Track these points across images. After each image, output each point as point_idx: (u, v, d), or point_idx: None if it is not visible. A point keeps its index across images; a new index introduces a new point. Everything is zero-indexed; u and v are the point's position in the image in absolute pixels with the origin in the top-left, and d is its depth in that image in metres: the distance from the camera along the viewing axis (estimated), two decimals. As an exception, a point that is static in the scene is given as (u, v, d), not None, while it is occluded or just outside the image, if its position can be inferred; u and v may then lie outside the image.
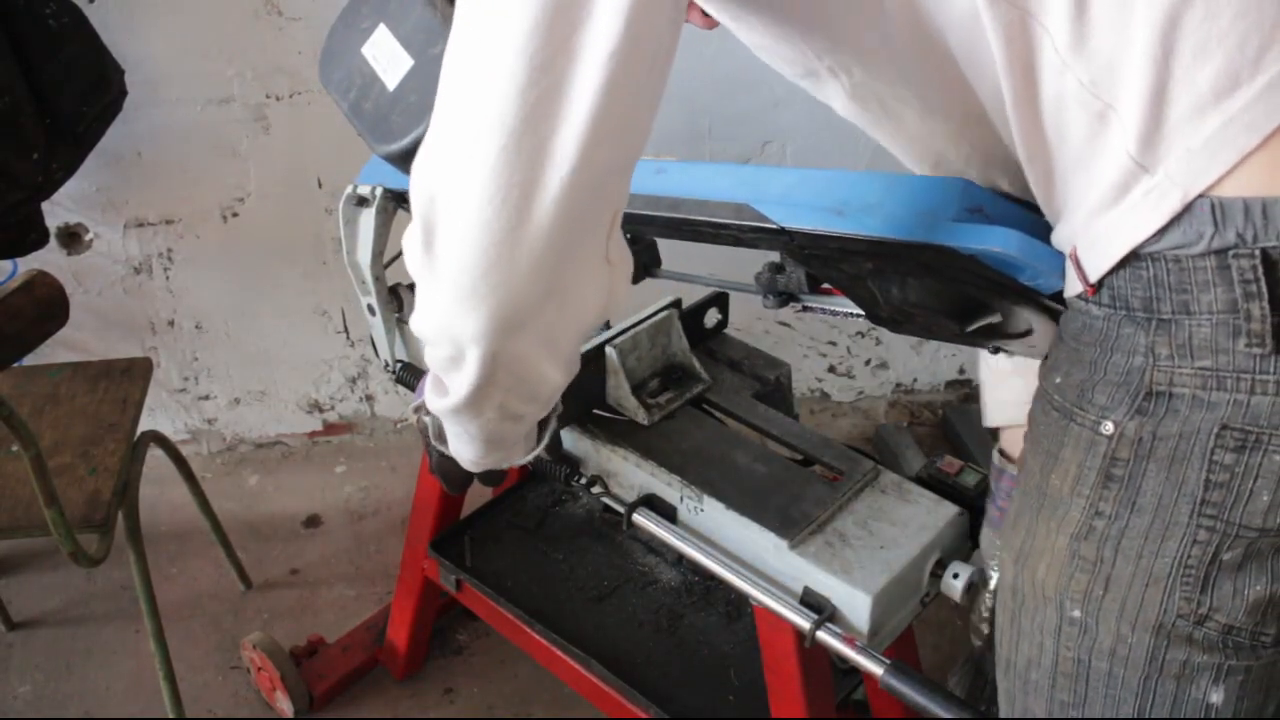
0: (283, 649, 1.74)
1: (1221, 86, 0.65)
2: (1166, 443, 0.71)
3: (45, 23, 1.66)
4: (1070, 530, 0.77)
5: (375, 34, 1.21)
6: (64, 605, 1.99)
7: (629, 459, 1.23)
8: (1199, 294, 0.67)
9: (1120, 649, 0.77)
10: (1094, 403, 0.74)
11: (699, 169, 1.08)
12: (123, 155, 2.02)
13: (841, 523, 1.12)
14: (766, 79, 2.03)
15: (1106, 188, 0.70)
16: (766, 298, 1.16)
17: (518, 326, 0.78)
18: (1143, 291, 0.69)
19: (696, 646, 1.48)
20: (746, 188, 1.01)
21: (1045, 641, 0.81)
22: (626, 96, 0.70)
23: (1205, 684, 0.76)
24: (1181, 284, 0.68)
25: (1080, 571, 0.77)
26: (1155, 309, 0.69)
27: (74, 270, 2.12)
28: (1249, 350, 0.66)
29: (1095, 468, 0.75)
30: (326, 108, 1.99)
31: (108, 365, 1.77)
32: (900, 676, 1.00)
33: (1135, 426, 0.72)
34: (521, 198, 0.72)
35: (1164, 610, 0.74)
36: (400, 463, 2.35)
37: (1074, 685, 0.81)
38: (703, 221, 1.03)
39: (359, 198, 1.37)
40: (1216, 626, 0.74)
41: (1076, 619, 0.78)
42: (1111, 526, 0.75)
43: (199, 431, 2.38)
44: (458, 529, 1.65)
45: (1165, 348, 0.69)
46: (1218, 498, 0.70)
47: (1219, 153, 0.66)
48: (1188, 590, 0.73)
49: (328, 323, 2.29)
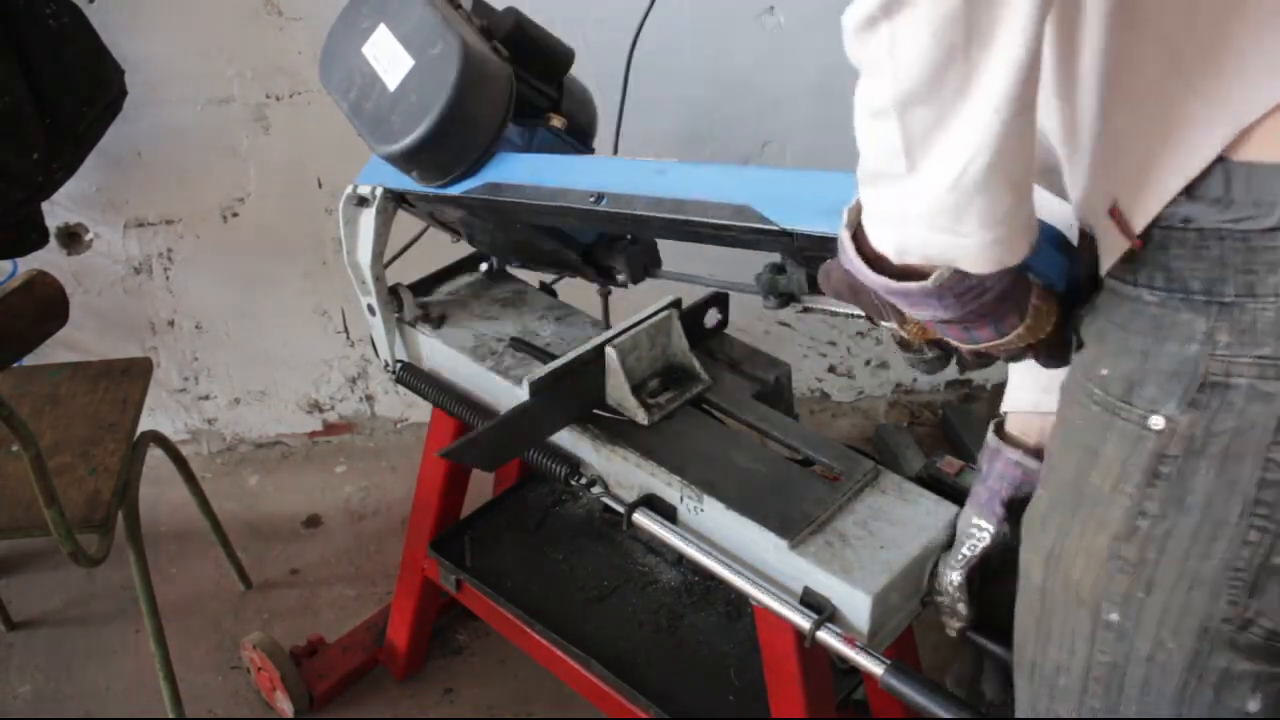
0: (283, 649, 1.74)
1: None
2: (1220, 439, 0.68)
3: (45, 23, 1.66)
4: (1111, 530, 0.74)
5: (376, 34, 1.21)
6: (64, 605, 1.99)
7: (629, 459, 1.23)
8: (1266, 274, 0.64)
9: (1159, 655, 0.74)
10: (1143, 396, 0.71)
11: (701, 170, 1.08)
12: (123, 155, 2.01)
13: (841, 523, 1.12)
14: (766, 79, 2.03)
15: (1152, 122, 0.66)
16: (767, 298, 1.16)
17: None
18: (1205, 272, 0.66)
19: (696, 646, 1.48)
20: (748, 189, 1.01)
21: (1077, 646, 0.79)
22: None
23: (1244, 692, 0.74)
24: (1248, 263, 0.65)
25: (1121, 573, 0.74)
26: (1218, 291, 0.66)
27: (74, 270, 2.12)
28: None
29: (1140, 466, 0.72)
30: (326, 108, 1.99)
31: (108, 365, 1.77)
32: (900, 676, 1.00)
33: (1188, 422, 0.69)
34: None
35: (1208, 614, 0.71)
36: (400, 463, 2.35)
37: (1107, 692, 0.78)
38: (705, 223, 1.03)
39: (359, 198, 1.37)
40: (1261, 632, 0.71)
41: (1114, 623, 0.76)
42: (1157, 527, 0.72)
43: (199, 431, 2.38)
44: (458, 529, 1.65)
45: (1225, 334, 0.66)
46: (1271, 497, 0.68)
47: (1273, 79, 0.62)
48: (1234, 594, 0.70)
49: (328, 323, 2.29)
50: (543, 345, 1.45)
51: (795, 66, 2.00)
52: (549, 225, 1.31)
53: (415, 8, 1.19)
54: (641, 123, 2.17)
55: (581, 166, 1.20)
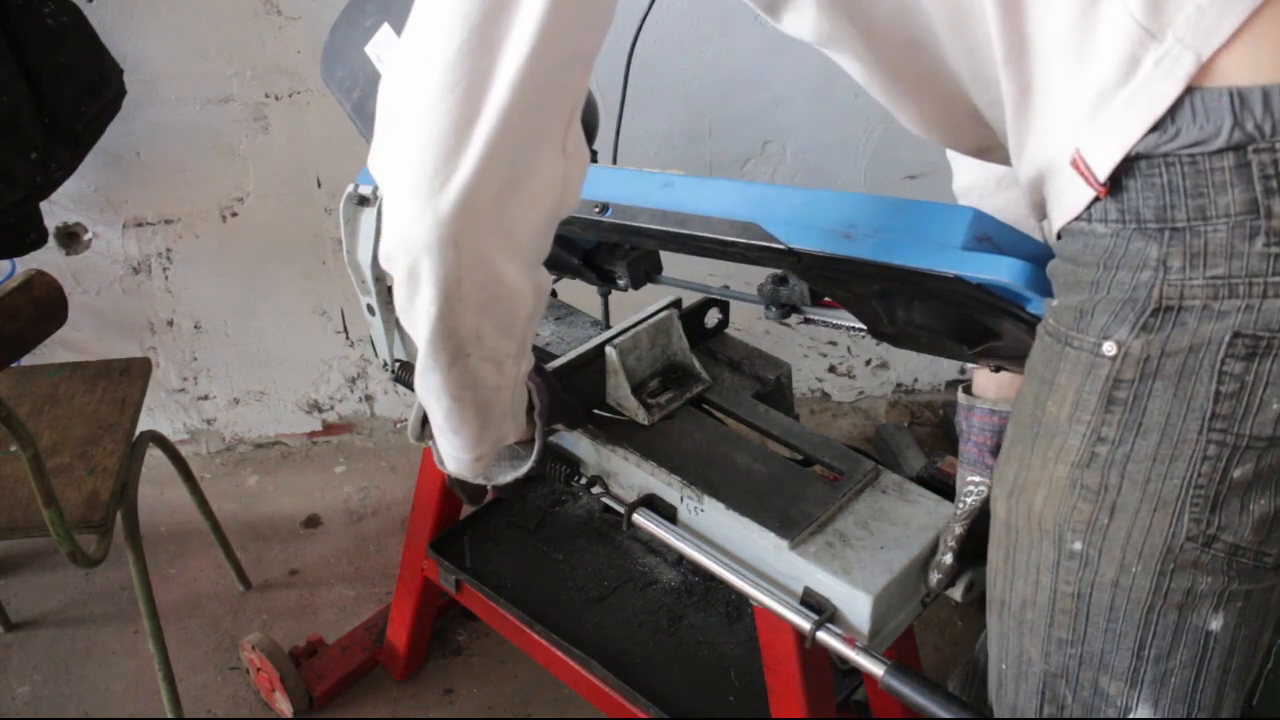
0: (282, 650, 1.74)
1: None
2: (1174, 358, 0.69)
3: (44, 22, 1.66)
4: (1070, 459, 0.75)
5: (379, 33, 1.21)
6: (63, 606, 1.99)
7: (629, 459, 1.23)
8: (1216, 196, 0.65)
9: (1124, 579, 0.75)
10: (1094, 324, 0.72)
11: (706, 184, 1.08)
12: (122, 155, 2.01)
13: (842, 523, 1.12)
14: (766, 79, 2.03)
15: (1111, 67, 0.67)
16: (769, 309, 1.16)
17: (475, 217, 0.78)
18: (1156, 199, 0.67)
19: (696, 646, 1.48)
20: (754, 206, 1.01)
21: (1042, 578, 0.80)
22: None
23: (1206, 611, 0.75)
24: (1198, 187, 0.65)
25: (1083, 501, 0.75)
26: (1169, 217, 0.67)
27: (73, 270, 2.12)
28: (1266, 250, 0.64)
29: (1096, 391, 0.72)
30: (326, 107, 2.00)
31: (106, 365, 1.76)
32: (900, 677, 0.99)
33: (1141, 345, 0.70)
34: (479, 85, 0.73)
35: (1172, 535, 0.72)
36: (400, 463, 2.35)
37: (1073, 622, 0.79)
38: (710, 239, 1.03)
39: (360, 197, 1.37)
40: (1224, 547, 0.72)
41: (1077, 551, 0.76)
42: (1116, 451, 0.73)
43: (198, 432, 2.38)
44: (457, 529, 1.65)
45: (1178, 258, 0.67)
46: (1227, 409, 0.68)
47: (1229, 6, 0.63)
48: (1196, 511, 0.71)
49: (327, 323, 2.28)
50: (542, 345, 1.45)
51: (795, 66, 2.00)
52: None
53: (420, 8, 1.19)
54: (641, 123, 2.18)
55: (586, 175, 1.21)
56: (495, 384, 0.97)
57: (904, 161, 2.11)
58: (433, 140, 0.75)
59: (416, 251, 0.80)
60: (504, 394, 1.00)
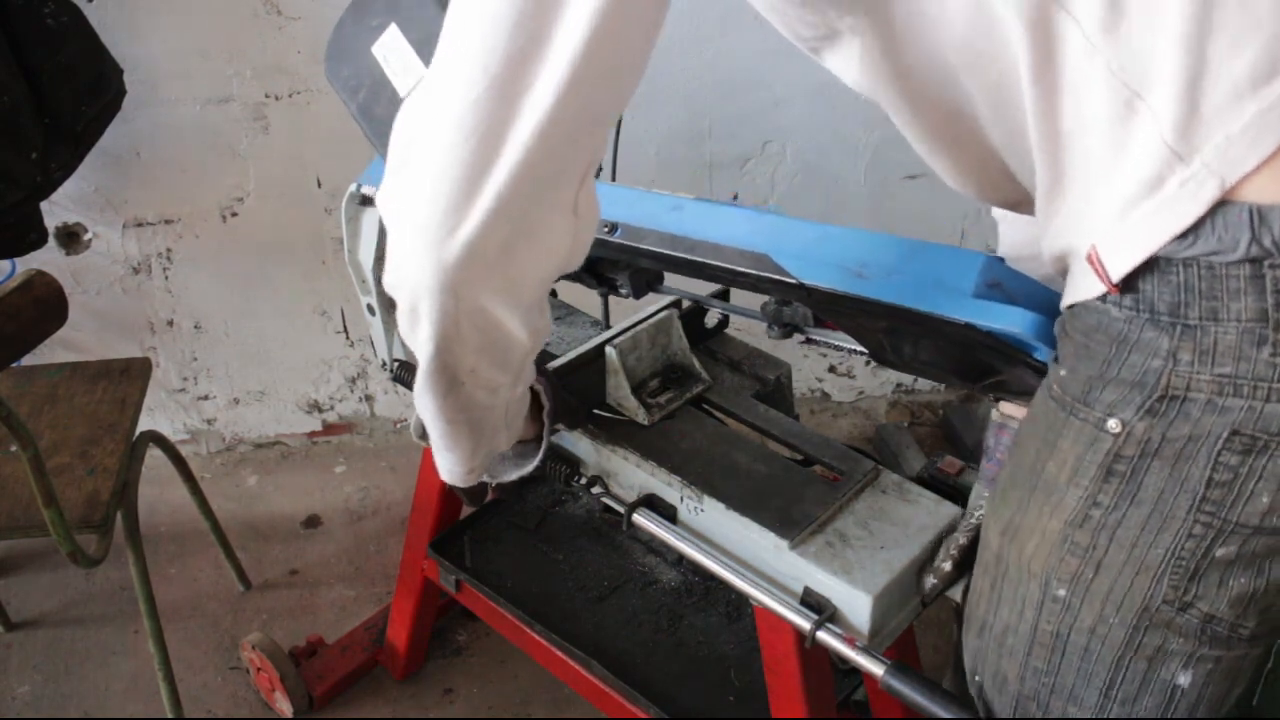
0: (282, 649, 1.74)
1: (1259, 74, 0.65)
2: (1174, 443, 0.71)
3: (44, 22, 1.66)
4: (1065, 516, 0.78)
5: (386, 34, 1.20)
6: (63, 606, 1.99)
7: (629, 459, 1.23)
8: (1229, 301, 0.67)
9: (1100, 628, 0.79)
10: (1100, 399, 0.74)
11: (716, 211, 1.09)
12: (122, 155, 2.01)
13: (842, 523, 1.12)
14: (766, 79, 2.03)
15: (1138, 181, 0.68)
16: (771, 328, 1.17)
17: (478, 269, 0.78)
18: (1171, 296, 0.69)
19: (696, 646, 1.48)
20: (765, 237, 1.01)
21: (1026, 612, 0.83)
22: (610, 49, 0.72)
23: (1175, 667, 0.78)
24: (1212, 290, 0.67)
25: (1071, 555, 0.78)
26: (1182, 314, 0.69)
27: (73, 270, 2.12)
28: (1272, 360, 0.67)
29: (1096, 462, 0.75)
30: (326, 107, 2.00)
31: (106, 365, 1.76)
32: (900, 677, 0.99)
33: (1145, 427, 0.72)
34: (497, 134, 0.73)
35: (1150, 595, 0.75)
36: (400, 463, 2.35)
37: (1049, 655, 0.83)
38: (721, 267, 1.04)
39: (362, 197, 1.37)
40: (1198, 614, 0.75)
41: (1061, 597, 0.80)
42: (1109, 516, 0.76)
43: (198, 432, 2.38)
44: (457, 529, 1.65)
45: (1188, 352, 0.69)
46: (1218, 496, 0.71)
47: (1259, 139, 0.65)
48: (1176, 579, 0.74)
49: (327, 323, 2.28)
50: (543, 345, 1.45)
51: (795, 66, 1.99)
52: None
53: (428, 10, 1.18)
54: (641, 123, 2.18)
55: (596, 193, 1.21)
56: (489, 404, 0.98)
57: (904, 161, 2.11)
58: (443, 186, 0.75)
59: (418, 292, 0.81)
60: (497, 412, 1.01)
